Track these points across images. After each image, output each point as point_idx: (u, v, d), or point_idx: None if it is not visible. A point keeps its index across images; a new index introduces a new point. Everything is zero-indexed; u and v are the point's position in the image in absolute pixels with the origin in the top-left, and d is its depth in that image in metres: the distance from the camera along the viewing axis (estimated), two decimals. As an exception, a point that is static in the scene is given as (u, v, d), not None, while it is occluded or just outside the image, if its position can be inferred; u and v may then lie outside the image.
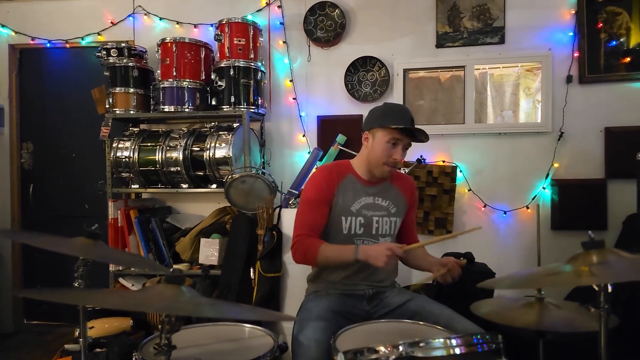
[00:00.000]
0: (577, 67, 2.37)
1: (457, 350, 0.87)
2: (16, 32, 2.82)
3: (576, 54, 2.36)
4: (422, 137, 1.42)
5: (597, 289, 0.84)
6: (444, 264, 1.35)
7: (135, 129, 2.49)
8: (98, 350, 1.87)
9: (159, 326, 0.80)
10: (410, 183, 1.63)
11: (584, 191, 2.36)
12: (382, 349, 0.85)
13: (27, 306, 2.92)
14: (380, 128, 1.43)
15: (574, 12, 2.36)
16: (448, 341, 0.87)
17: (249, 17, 2.52)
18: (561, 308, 1.05)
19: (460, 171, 2.46)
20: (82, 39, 2.78)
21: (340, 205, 1.47)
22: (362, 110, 2.53)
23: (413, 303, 1.42)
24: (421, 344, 0.86)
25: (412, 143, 1.47)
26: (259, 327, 1.29)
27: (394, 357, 0.83)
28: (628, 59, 2.32)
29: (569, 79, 2.37)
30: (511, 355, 0.95)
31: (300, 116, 2.61)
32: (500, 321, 0.94)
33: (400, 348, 0.83)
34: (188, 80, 2.37)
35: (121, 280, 2.43)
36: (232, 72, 2.33)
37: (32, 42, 2.82)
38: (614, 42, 2.34)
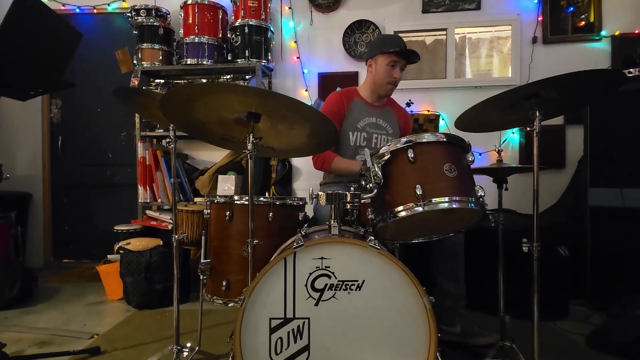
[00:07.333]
0: (541, 30, 2.79)
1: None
2: (48, -1, 3.14)
3: (540, 18, 2.78)
4: (415, 58, 1.80)
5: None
6: None
7: (161, 81, 2.83)
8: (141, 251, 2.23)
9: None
10: (405, 113, 2.02)
11: (546, 135, 2.76)
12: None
13: (56, 244, 3.23)
14: (381, 54, 1.80)
15: (538, -18, 2.78)
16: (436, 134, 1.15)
17: (260, -16, 2.88)
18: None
19: (443, 119, 2.85)
20: (109, 5, 3.11)
21: (349, 122, 1.85)
22: (358, 67, 2.92)
23: None
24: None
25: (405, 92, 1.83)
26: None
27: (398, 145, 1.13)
28: (583, 23, 2.75)
29: (534, 40, 2.79)
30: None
31: (303, 73, 2.99)
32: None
33: (403, 139, 1.13)
34: (207, 37, 2.73)
35: (148, 212, 2.77)
36: (246, 30, 2.69)
37: (63, 8, 3.14)
38: (572, 8, 2.77)
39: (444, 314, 1.62)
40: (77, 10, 3.14)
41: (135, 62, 2.82)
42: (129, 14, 2.81)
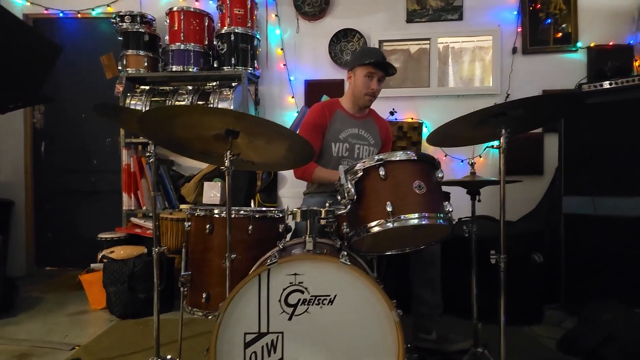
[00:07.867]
0: (521, 40, 2.86)
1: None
2: (31, 3, 3.10)
3: (519, 29, 2.86)
4: (392, 70, 1.83)
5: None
6: None
7: (146, 87, 2.83)
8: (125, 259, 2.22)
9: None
10: (386, 124, 2.06)
11: (526, 143, 2.85)
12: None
13: (39, 252, 3.20)
14: (359, 66, 1.84)
15: (518, -6, 2.86)
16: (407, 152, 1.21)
17: (247, -8, 2.89)
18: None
19: (426, 127, 2.91)
20: (93, 10, 3.09)
21: (331, 133, 1.88)
22: (344, 75, 2.93)
23: None
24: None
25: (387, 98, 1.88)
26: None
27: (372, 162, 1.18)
28: (560, 35, 2.83)
29: (514, 50, 2.87)
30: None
31: (290, 80, 3.01)
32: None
33: (376, 157, 1.19)
34: (193, 44, 2.73)
35: (133, 219, 2.76)
36: (232, 37, 2.71)
37: (45, 12, 3.11)
38: (549, 20, 2.85)
39: (420, 321, 1.67)
40: (61, 15, 3.11)
41: (120, 68, 2.82)
42: (114, 20, 2.80)
